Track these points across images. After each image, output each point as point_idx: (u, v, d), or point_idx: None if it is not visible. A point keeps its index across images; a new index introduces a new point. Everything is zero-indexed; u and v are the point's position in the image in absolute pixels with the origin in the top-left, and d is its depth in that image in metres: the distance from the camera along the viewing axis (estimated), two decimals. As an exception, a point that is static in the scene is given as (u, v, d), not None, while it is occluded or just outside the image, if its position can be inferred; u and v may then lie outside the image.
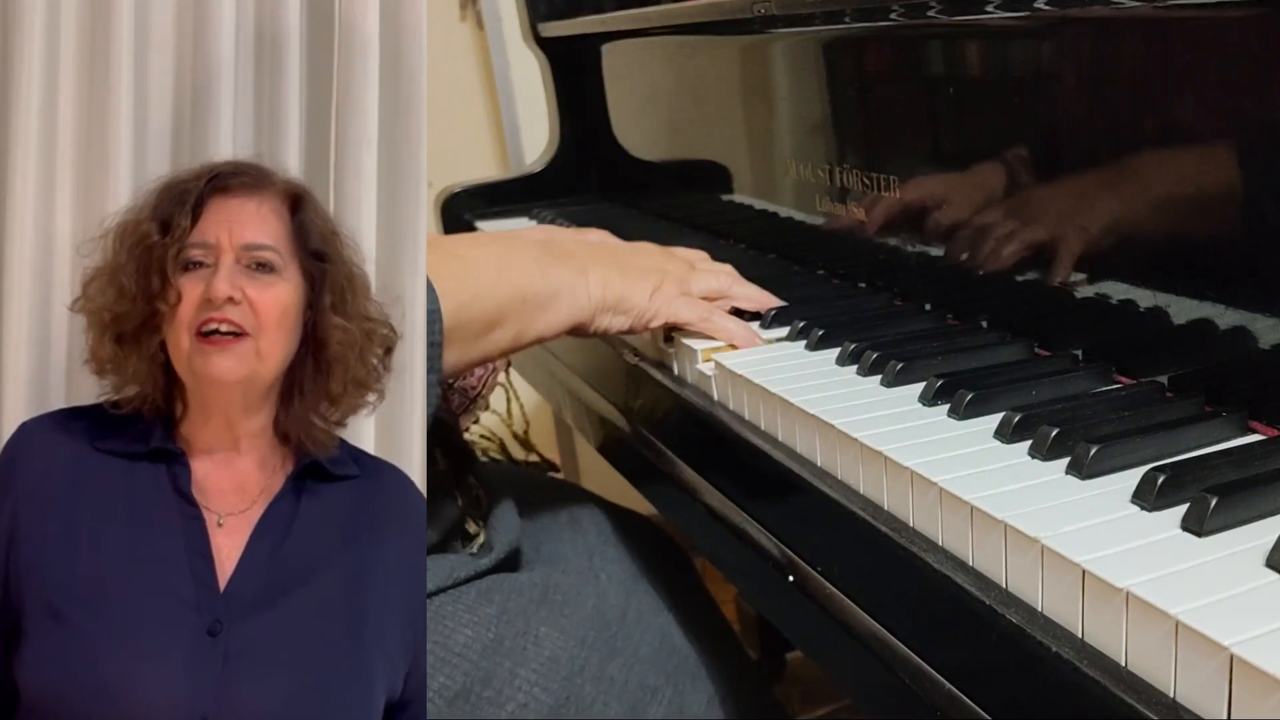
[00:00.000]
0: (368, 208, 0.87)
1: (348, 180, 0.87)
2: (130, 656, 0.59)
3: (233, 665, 0.60)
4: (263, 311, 0.64)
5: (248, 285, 0.65)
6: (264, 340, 0.65)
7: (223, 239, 0.65)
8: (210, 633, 0.61)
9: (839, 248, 1.01)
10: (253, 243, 0.65)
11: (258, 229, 0.66)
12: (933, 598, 0.56)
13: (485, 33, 1.97)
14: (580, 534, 1.03)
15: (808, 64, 1.02)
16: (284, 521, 0.66)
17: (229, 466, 0.67)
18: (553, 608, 0.88)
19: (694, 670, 0.93)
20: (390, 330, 0.72)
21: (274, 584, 0.64)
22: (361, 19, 0.88)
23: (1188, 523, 0.50)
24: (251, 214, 0.66)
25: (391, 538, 0.69)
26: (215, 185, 0.67)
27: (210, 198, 0.67)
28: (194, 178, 0.68)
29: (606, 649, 0.87)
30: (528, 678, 0.81)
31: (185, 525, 0.64)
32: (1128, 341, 0.71)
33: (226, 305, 0.63)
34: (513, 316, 0.78)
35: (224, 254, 0.65)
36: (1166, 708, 0.43)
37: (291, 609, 0.63)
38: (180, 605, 0.61)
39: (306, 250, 0.68)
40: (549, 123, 1.65)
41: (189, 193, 0.66)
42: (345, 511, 0.68)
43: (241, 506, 0.66)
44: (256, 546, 0.65)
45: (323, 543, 0.66)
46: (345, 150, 0.87)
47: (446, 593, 0.84)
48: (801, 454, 0.71)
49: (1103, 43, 0.69)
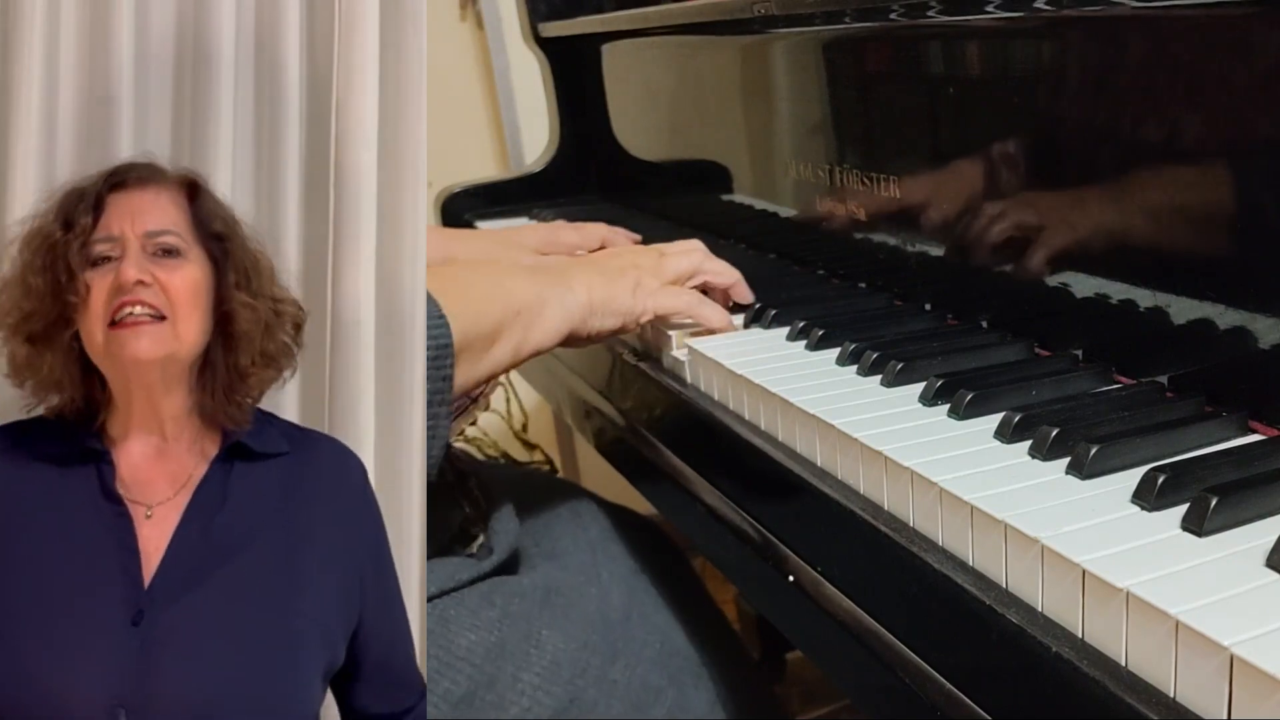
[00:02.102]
0: (368, 207, 0.87)
1: (348, 180, 0.87)
2: (53, 652, 0.61)
3: (152, 653, 0.61)
4: (174, 292, 0.66)
5: (156, 270, 0.66)
6: (180, 322, 0.66)
7: (126, 229, 0.67)
8: (134, 624, 0.62)
9: (839, 248, 1.01)
10: (155, 229, 0.67)
11: (158, 217, 0.68)
12: (933, 597, 0.56)
13: (485, 33, 1.97)
14: (582, 530, 1.03)
15: (808, 64, 1.02)
16: (212, 503, 0.68)
17: (157, 456, 0.69)
18: (555, 610, 0.87)
19: (696, 671, 0.93)
20: (298, 309, 0.74)
21: (199, 567, 0.65)
22: (361, 18, 0.87)
23: (1188, 523, 0.50)
24: (150, 203, 0.69)
25: (323, 508, 0.71)
26: (112, 183, 0.69)
27: (109, 195, 0.69)
28: (91, 180, 0.70)
29: (609, 651, 0.87)
30: (531, 681, 0.81)
31: (113, 523, 0.66)
32: (1128, 341, 0.71)
33: (138, 288, 0.65)
34: (510, 329, 0.80)
35: (129, 243, 0.67)
36: (1166, 708, 0.43)
37: (216, 590, 0.64)
38: (105, 601, 0.63)
39: (208, 233, 0.70)
40: (549, 123, 1.65)
41: (88, 192, 0.68)
42: (274, 488, 0.70)
43: (169, 494, 0.68)
44: (183, 533, 0.66)
45: (250, 521, 0.68)
46: (345, 150, 0.87)
47: (448, 596, 0.84)
48: (801, 454, 0.71)
49: (1102, 43, 0.69)
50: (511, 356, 0.81)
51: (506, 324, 0.80)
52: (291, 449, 0.72)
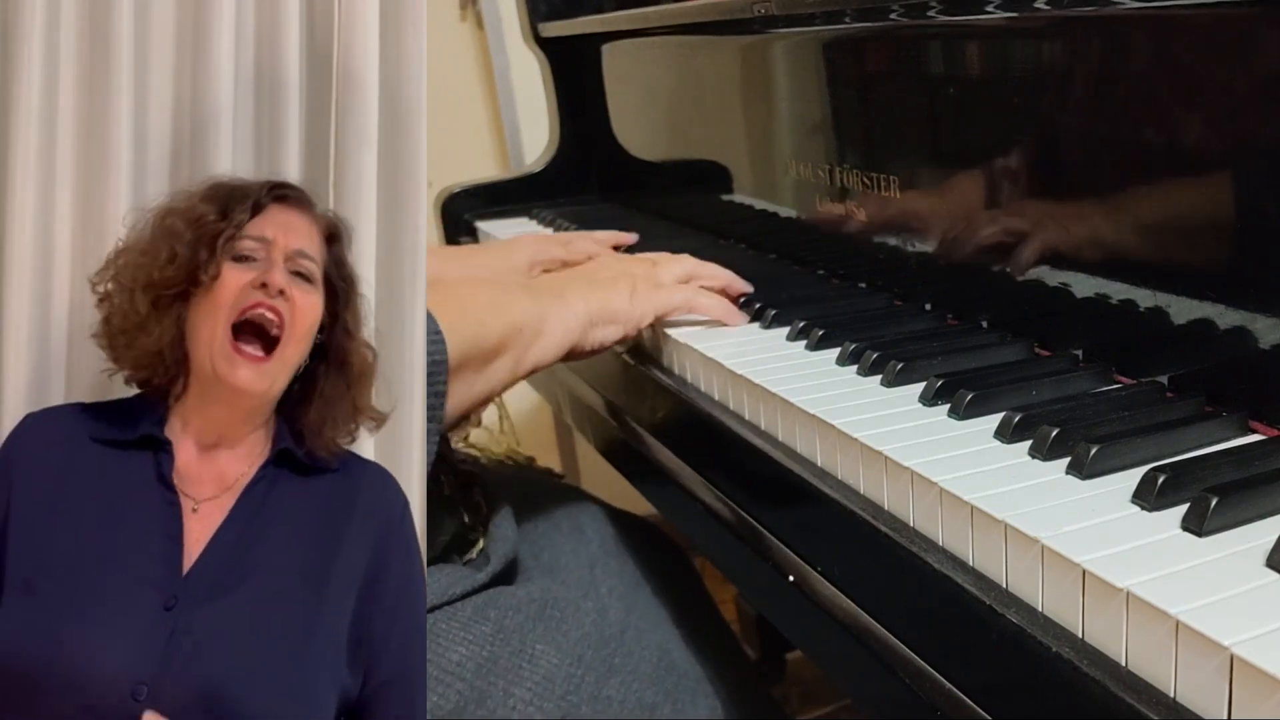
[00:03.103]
0: (368, 208, 0.87)
1: (348, 181, 0.87)
2: (86, 626, 0.62)
3: (179, 640, 0.62)
4: (299, 313, 0.68)
5: (292, 288, 0.68)
6: (290, 346, 0.68)
7: (279, 239, 0.69)
8: (166, 608, 0.63)
9: (839, 248, 1.01)
10: (303, 250, 0.70)
11: (308, 240, 0.71)
12: (933, 598, 0.56)
13: (485, 33, 1.97)
14: (583, 543, 1.02)
15: (808, 64, 1.02)
16: (254, 509, 0.69)
17: (211, 455, 0.70)
18: (550, 624, 0.86)
19: (694, 686, 0.91)
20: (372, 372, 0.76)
21: (233, 570, 0.66)
22: (361, 18, 0.87)
23: (1188, 523, 0.50)
24: (305, 226, 0.71)
25: (356, 532, 0.71)
26: (277, 194, 0.72)
27: (268, 203, 0.71)
28: (255, 184, 0.72)
29: (604, 667, 0.86)
30: (523, 697, 0.80)
31: (162, 509, 0.67)
32: (1128, 341, 0.71)
33: (278, 298, 0.67)
34: (511, 344, 0.81)
35: (276, 252, 0.69)
36: (1166, 708, 0.43)
37: (246, 595, 0.65)
38: (142, 583, 0.64)
39: (340, 273, 0.73)
40: (549, 123, 1.65)
41: (250, 193, 0.71)
42: (315, 505, 0.71)
43: (216, 492, 0.69)
44: (223, 533, 0.67)
45: (287, 533, 0.69)
46: (345, 150, 0.87)
47: (441, 609, 0.83)
48: (802, 454, 0.71)
49: (1103, 43, 0.69)
50: (510, 373, 0.81)
51: (507, 341, 0.80)
52: (339, 468, 0.73)
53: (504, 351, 0.80)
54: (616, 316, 0.87)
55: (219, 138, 0.86)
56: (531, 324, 0.82)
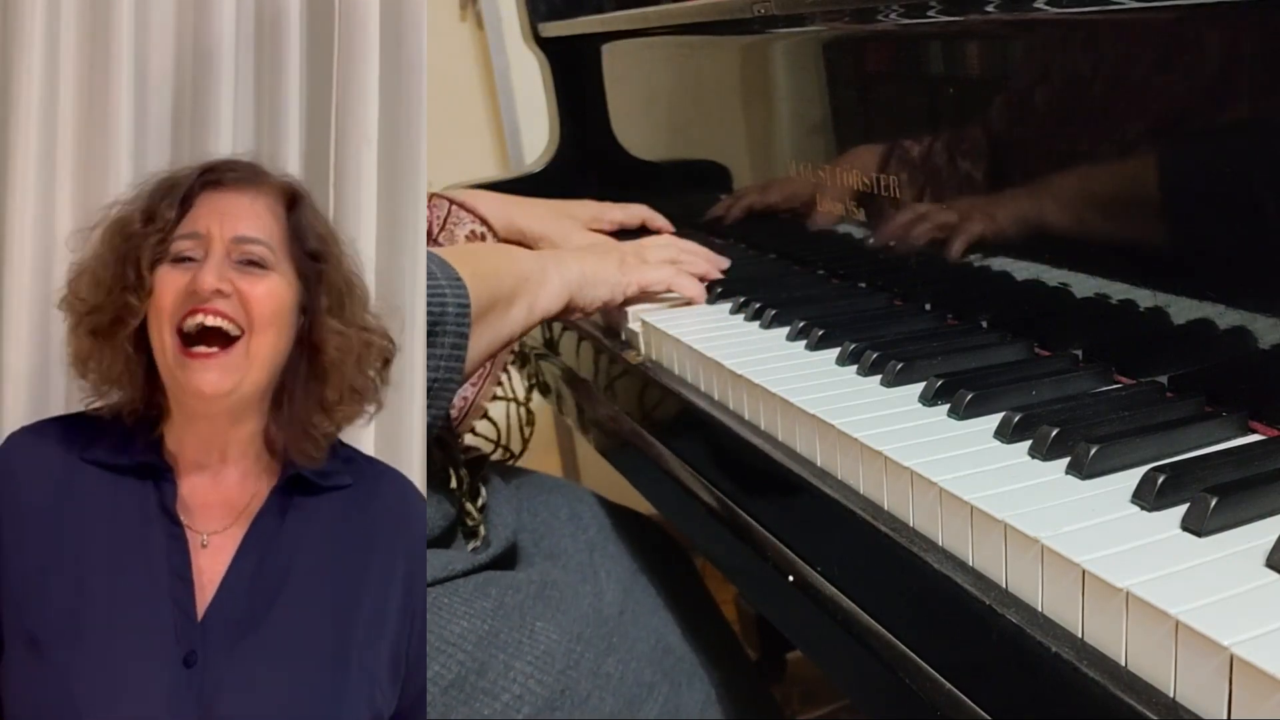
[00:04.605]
0: (368, 207, 0.87)
1: (348, 180, 0.87)
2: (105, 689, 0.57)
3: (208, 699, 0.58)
4: (254, 306, 0.62)
5: (238, 279, 0.62)
6: (255, 339, 0.62)
7: (213, 230, 0.63)
8: (186, 663, 0.59)
9: (839, 248, 1.01)
10: (245, 236, 0.63)
11: (251, 223, 0.63)
12: (933, 598, 0.56)
13: (485, 33, 1.97)
14: (581, 530, 1.05)
15: (808, 64, 1.02)
16: (268, 541, 0.63)
17: (215, 480, 0.64)
18: (549, 604, 0.88)
19: (691, 669, 0.93)
20: (389, 342, 0.70)
21: (254, 608, 0.61)
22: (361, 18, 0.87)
23: (1188, 523, 0.50)
24: (245, 208, 0.64)
25: (383, 552, 0.66)
26: (208, 179, 0.65)
27: (202, 191, 0.64)
28: (186, 172, 0.66)
29: (603, 645, 0.88)
30: (523, 670, 0.82)
31: (168, 545, 0.62)
32: (1128, 341, 0.71)
33: (215, 298, 0.61)
34: (522, 291, 0.88)
35: (213, 245, 0.62)
36: (1166, 708, 0.43)
37: (271, 635, 0.61)
38: (157, 635, 0.59)
39: (302, 250, 0.65)
40: (549, 123, 1.64)
41: (179, 185, 0.64)
42: (334, 527, 0.65)
43: (226, 523, 0.64)
44: (238, 568, 0.62)
45: (308, 563, 0.63)
46: (345, 150, 0.87)
47: (442, 585, 0.85)
48: (801, 454, 0.71)
49: (1102, 42, 0.69)
50: (525, 318, 0.88)
51: (519, 288, 0.87)
52: (354, 480, 0.67)
53: (518, 297, 0.87)
54: (606, 279, 0.97)
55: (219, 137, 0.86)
56: (536, 274, 0.90)
